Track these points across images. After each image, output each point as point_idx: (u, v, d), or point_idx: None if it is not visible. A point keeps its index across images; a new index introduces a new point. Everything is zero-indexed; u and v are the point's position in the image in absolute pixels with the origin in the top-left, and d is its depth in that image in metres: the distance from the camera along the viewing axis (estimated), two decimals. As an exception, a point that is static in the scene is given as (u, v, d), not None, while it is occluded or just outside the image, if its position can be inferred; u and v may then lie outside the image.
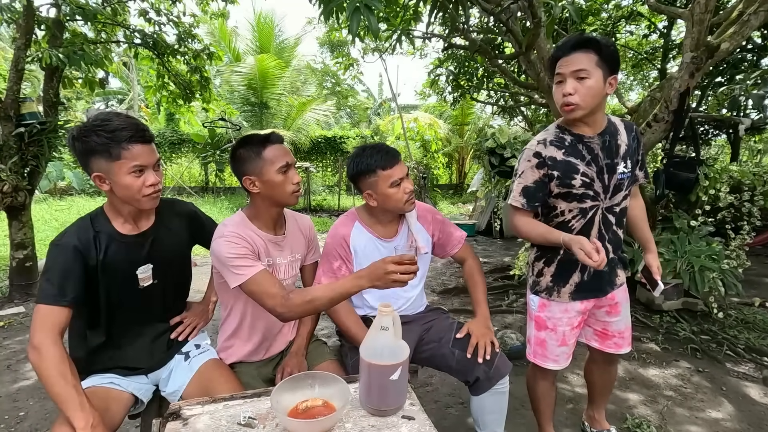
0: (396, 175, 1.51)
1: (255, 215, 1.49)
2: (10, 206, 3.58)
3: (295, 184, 1.43)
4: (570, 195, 1.48)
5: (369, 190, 1.55)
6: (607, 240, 1.54)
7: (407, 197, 1.54)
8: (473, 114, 11.98)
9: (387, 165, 1.51)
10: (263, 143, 1.41)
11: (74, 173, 10.70)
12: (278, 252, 1.53)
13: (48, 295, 1.17)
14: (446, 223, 1.78)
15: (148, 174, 1.24)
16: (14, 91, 3.53)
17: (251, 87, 11.14)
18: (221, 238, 1.36)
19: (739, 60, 4.34)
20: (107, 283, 1.30)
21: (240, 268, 1.31)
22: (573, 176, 1.45)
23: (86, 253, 1.25)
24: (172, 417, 1.08)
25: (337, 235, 1.62)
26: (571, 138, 1.47)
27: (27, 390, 2.43)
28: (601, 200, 1.50)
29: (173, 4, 4.47)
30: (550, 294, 1.59)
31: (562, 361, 1.66)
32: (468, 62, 4.95)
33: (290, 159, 1.43)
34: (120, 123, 1.20)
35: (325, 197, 11.34)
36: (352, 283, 1.23)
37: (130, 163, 1.20)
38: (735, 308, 3.39)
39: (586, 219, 1.51)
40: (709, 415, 2.19)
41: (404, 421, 1.07)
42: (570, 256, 1.50)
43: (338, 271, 1.59)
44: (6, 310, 3.60)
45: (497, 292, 4.09)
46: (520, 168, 1.52)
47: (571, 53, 1.37)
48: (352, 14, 1.78)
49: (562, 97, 1.39)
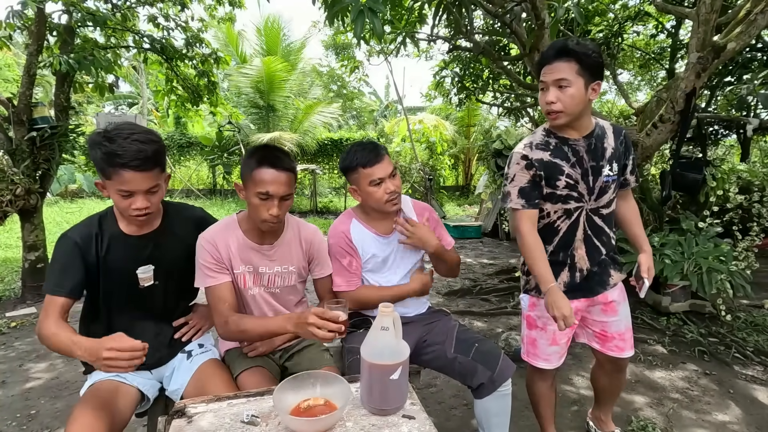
0: (376, 174, 1.53)
1: (245, 220, 1.49)
2: (22, 209, 3.65)
3: (270, 214, 1.35)
4: (554, 196, 1.52)
5: (354, 185, 1.62)
6: (595, 240, 1.56)
7: (387, 197, 1.55)
8: (479, 116, 11.96)
9: (368, 163, 1.53)
10: (261, 162, 1.35)
11: (85, 176, 10.87)
12: (263, 261, 1.50)
13: (48, 285, 1.28)
14: (441, 225, 1.79)
15: (136, 199, 1.25)
16: (27, 96, 3.61)
17: (258, 90, 11.24)
18: (200, 240, 1.44)
19: (748, 60, 4.29)
20: (107, 280, 1.35)
21: (204, 275, 1.42)
22: (558, 177, 1.49)
23: (85, 249, 1.31)
24: (177, 415, 1.10)
25: (338, 232, 1.64)
26: (556, 141, 1.51)
27: (38, 389, 2.47)
28: (585, 201, 1.52)
29: (181, 9, 4.54)
30: (539, 292, 1.59)
31: (553, 361, 1.67)
32: (473, 64, 4.96)
33: (275, 189, 1.34)
34: (120, 146, 1.19)
35: (332, 199, 11.38)
36: (279, 324, 1.30)
37: (118, 185, 1.23)
38: (744, 310, 3.35)
39: (571, 220, 1.54)
40: (716, 418, 2.17)
41: (405, 421, 1.08)
42: (557, 257, 1.56)
43: (350, 267, 1.61)
44: (19, 310, 3.67)
45: (502, 294, 4.09)
46: (510, 172, 1.56)
47: (554, 62, 1.41)
48: (356, 17, 1.80)
49: (545, 104, 1.44)
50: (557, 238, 1.57)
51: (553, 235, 1.57)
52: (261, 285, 1.53)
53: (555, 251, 1.58)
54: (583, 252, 1.56)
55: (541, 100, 1.47)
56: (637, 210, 1.73)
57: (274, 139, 9.89)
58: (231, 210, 9.44)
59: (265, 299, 1.55)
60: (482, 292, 4.14)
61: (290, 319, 1.27)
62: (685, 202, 3.58)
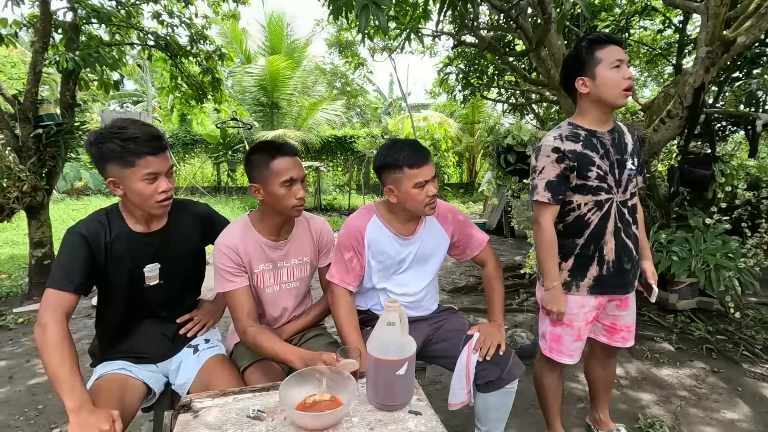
0: (422, 176, 1.45)
1: (260, 220, 1.51)
2: (29, 205, 3.67)
3: (298, 199, 1.42)
4: (585, 187, 1.51)
5: (391, 185, 1.51)
6: (623, 233, 1.55)
7: (428, 200, 1.48)
8: (484, 112, 11.91)
9: (415, 164, 1.45)
10: (273, 154, 1.40)
11: (91, 174, 10.92)
12: (280, 256, 1.55)
13: (55, 280, 1.23)
14: (467, 224, 1.71)
15: (161, 181, 1.28)
16: (32, 94, 3.63)
17: (262, 87, 11.25)
18: (218, 245, 1.47)
19: (757, 54, 4.23)
20: (113, 276, 1.34)
21: (224, 280, 1.45)
22: (589, 168, 1.49)
23: (94, 244, 1.30)
24: (183, 409, 1.10)
25: (353, 226, 1.60)
26: (585, 132, 1.52)
27: (45, 385, 2.49)
28: (615, 193, 1.53)
29: (185, 6, 4.54)
30: (568, 289, 1.59)
31: (576, 356, 1.68)
32: (478, 60, 4.93)
33: (296, 173, 1.41)
34: (135, 131, 1.22)
35: (336, 196, 11.38)
36: (290, 358, 1.30)
37: (143, 170, 1.24)
38: (752, 308, 3.31)
39: (602, 212, 1.53)
40: (724, 416, 2.15)
41: (411, 416, 1.08)
42: (587, 250, 1.55)
43: (349, 263, 1.57)
44: (25, 306, 3.70)
45: (508, 291, 4.06)
46: (539, 164, 1.53)
47: (616, 45, 1.45)
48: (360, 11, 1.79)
49: (625, 80, 1.43)
50: (588, 231, 1.54)
51: (584, 228, 1.55)
52: (280, 282, 1.57)
53: (585, 244, 1.56)
54: (612, 245, 1.55)
55: (615, 78, 1.44)
56: (642, 215, 1.73)
57: (278, 136, 9.90)
58: (235, 207, 9.46)
59: (283, 296, 1.59)
60: (487, 289, 4.12)
61: (302, 357, 1.28)
62: (692, 198, 3.54)
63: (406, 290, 1.65)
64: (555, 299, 1.53)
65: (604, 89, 1.45)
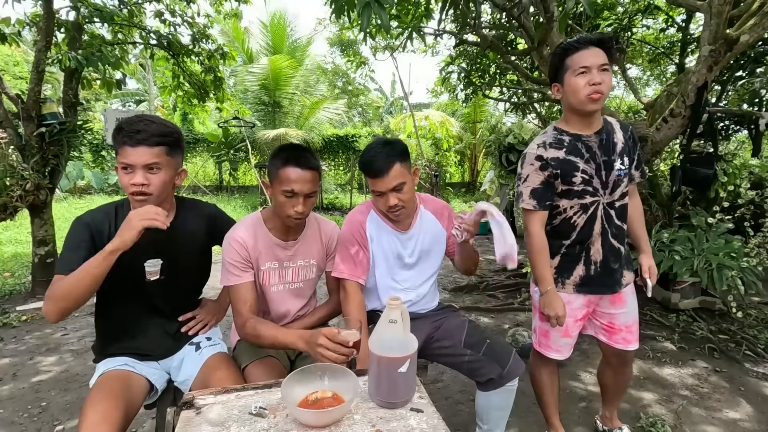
0: (377, 187, 1.50)
1: (270, 218, 1.53)
2: (32, 204, 3.69)
3: (295, 211, 1.41)
4: (571, 192, 1.53)
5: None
6: (610, 234, 1.56)
7: (387, 209, 1.53)
8: (486, 112, 11.89)
9: (372, 176, 1.50)
10: (287, 161, 1.39)
11: (93, 173, 10.96)
12: (288, 256, 1.56)
13: (60, 265, 1.28)
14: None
15: (136, 174, 1.29)
16: (35, 92, 3.64)
17: (264, 86, 11.24)
18: (228, 239, 1.48)
19: (761, 53, 4.21)
20: (113, 268, 1.33)
21: (229, 274, 1.46)
22: (573, 174, 1.50)
23: (96, 233, 1.33)
24: (186, 406, 1.11)
25: (354, 221, 1.63)
26: (570, 138, 1.53)
27: (49, 382, 2.50)
28: (601, 195, 1.53)
29: (188, 5, 4.55)
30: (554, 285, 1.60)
31: (564, 352, 1.70)
32: (480, 59, 4.91)
33: (299, 187, 1.38)
34: (129, 124, 1.27)
35: (337, 195, 11.39)
36: (291, 340, 1.29)
37: (121, 159, 1.29)
38: (755, 307, 3.30)
39: (587, 214, 1.54)
40: (726, 416, 2.15)
41: (413, 414, 1.08)
42: (573, 250, 1.58)
43: (356, 257, 1.59)
44: (29, 304, 3.71)
45: (509, 290, 4.07)
46: (524, 172, 1.56)
47: (593, 47, 1.42)
48: (362, 9, 1.79)
49: (591, 86, 1.41)
50: (575, 233, 1.57)
51: (570, 230, 1.57)
52: (285, 282, 1.58)
53: (572, 245, 1.58)
54: (599, 245, 1.57)
55: (579, 83, 1.42)
56: (641, 209, 1.73)
57: (279, 135, 9.90)
58: (237, 206, 9.47)
59: (287, 296, 1.60)
60: (489, 288, 4.13)
61: (302, 336, 1.27)
62: (695, 197, 3.53)
63: (407, 286, 1.68)
64: (551, 303, 1.54)
65: (571, 96, 1.46)
